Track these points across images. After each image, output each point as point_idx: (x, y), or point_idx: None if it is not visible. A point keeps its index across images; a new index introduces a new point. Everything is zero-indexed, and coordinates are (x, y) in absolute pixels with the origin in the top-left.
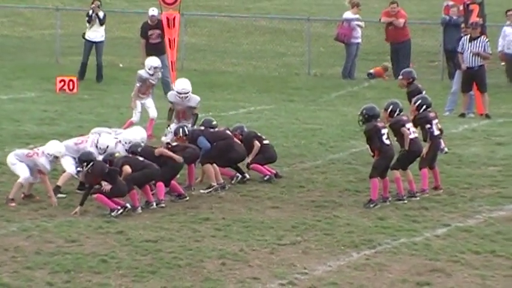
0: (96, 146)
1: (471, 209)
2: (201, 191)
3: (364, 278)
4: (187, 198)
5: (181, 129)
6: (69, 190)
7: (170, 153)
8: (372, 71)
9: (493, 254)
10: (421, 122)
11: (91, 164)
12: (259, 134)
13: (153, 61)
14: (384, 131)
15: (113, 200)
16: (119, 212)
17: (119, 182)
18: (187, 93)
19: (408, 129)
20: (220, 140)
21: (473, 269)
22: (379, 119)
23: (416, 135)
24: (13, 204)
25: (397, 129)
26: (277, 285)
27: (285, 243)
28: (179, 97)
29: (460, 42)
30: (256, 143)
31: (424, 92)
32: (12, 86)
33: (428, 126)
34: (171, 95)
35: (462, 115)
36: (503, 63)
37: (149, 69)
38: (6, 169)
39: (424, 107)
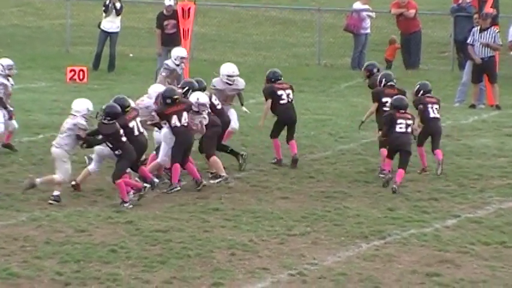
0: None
1: (481, 200)
2: (211, 181)
3: (373, 269)
4: (204, 183)
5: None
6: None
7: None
8: (387, 58)
9: (503, 245)
10: (416, 104)
11: (113, 120)
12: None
13: (180, 51)
14: (401, 121)
15: (132, 183)
16: (130, 206)
17: (128, 147)
18: (237, 75)
19: (429, 108)
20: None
21: (483, 260)
22: (401, 111)
23: (436, 115)
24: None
25: (416, 107)
26: (287, 276)
27: (294, 233)
28: (230, 80)
29: (471, 34)
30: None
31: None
32: (23, 76)
33: (421, 107)
34: (217, 82)
35: (472, 106)
36: None
37: (175, 59)
38: (15, 158)
39: (422, 92)
